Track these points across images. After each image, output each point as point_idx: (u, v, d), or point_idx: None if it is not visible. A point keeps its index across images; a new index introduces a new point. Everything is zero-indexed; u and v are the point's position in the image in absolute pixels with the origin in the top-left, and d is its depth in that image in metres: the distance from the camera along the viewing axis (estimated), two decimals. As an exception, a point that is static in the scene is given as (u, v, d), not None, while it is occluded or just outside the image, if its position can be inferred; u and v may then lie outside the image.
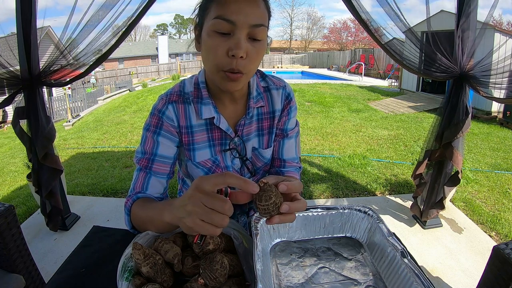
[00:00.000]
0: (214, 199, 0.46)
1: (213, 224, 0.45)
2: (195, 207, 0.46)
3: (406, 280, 0.55)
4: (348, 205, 0.75)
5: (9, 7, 35.87)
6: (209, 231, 0.46)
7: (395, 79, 10.79)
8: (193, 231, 0.47)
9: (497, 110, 5.90)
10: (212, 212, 0.45)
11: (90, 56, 1.86)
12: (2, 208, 1.27)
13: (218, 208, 0.45)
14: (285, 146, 0.91)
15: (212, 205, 0.45)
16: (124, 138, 5.22)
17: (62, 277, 0.67)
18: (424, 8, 1.73)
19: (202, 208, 0.45)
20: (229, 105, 0.81)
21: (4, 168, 4.32)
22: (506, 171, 3.41)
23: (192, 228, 0.46)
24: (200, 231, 0.46)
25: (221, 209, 0.45)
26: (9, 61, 1.74)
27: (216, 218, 0.45)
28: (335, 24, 30.40)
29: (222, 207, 0.45)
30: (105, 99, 10.44)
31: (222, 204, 0.46)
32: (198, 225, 0.45)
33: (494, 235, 2.25)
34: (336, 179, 3.20)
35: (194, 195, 0.47)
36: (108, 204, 2.71)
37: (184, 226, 0.48)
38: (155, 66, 22.50)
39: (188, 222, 0.46)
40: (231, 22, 0.61)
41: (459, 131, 1.86)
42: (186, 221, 0.47)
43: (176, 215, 0.50)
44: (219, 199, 0.46)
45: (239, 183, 0.46)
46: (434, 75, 1.89)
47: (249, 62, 0.65)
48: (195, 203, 0.46)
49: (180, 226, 0.50)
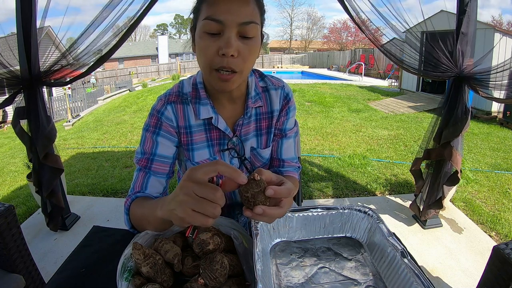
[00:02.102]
0: (205, 188, 0.45)
1: (205, 213, 0.45)
2: (186, 196, 0.45)
3: (406, 280, 0.55)
4: (348, 205, 0.75)
5: (9, 7, 35.82)
6: (201, 221, 0.45)
7: (395, 79, 10.78)
8: (184, 222, 0.46)
9: (497, 110, 5.89)
10: (203, 201, 0.45)
11: (91, 56, 1.86)
12: (2, 208, 1.27)
13: (210, 196, 0.45)
14: (283, 146, 0.91)
15: (203, 194, 0.45)
16: (124, 138, 5.22)
17: (62, 277, 0.67)
18: (424, 8, 1.73)
19: (193, 197, 0.45)
20: (227, 105, 0.81)
21: (4, 168, 4.32)
22: (506, 171, 3.41)
23: (183, 218, 0.46)
24: (191, 222, 0.45)
25: (213, 198, 0.45)
26: (9, 61, 1.73)
27: (207, 207, 0.45)
28: (335, 24, 30.40)
29: (213, 195, 0.45)
30: (105, 99, 10.43)
31: (214, 192, 0.45)
32: (189, 215, 0.45)
33: (494, 235, 2.25)
34: (336, 179, 3.20)
35: (185, 185, 0.46)
36: (108, 204, 2.71)
37: (175, 218, 0.48)
38: (155, 66, 22.48)
39: (179, 213, 0.46)
40: (220, 22, 0.61)
41: (459, 131, 1.86)
42: (177, 212, 0.46)
43: (167, 208, 0.50)
44: (210, 187, 0.45)
45: (229, 172, 0.46)
46: (433, 75, 1.89)
47: (242, 61, 0.65)
48: (186, 193, 0.46)
49: (172, 219, 0.49)
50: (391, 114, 6.35)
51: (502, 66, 1.68)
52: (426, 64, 1.91)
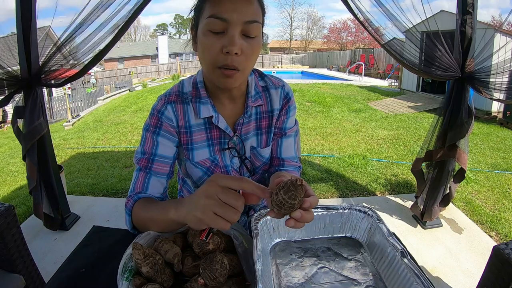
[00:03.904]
0: (229, 194, 0.47)
1: (225, 218, 0.46)
2: (209, 199, 0.47)
3: (406, 280, 0.55)
4: (348, 205, 0.75)
5: (9, 7, 35.87)
6: (220, 224, 0.47)
7: (395, 79, 10.78)
8: (202, 223, 0.48)
9: (497, 110, 5.89)
10: (226, 205, 0.46)
11: (88, 53, 1.84)
12: (2, 208, 1.27)
13: (233, 202, 0.47)
14: (283, 145, 0.91)
15: (226, 199, 0.47)
16: (124, 138, 5.22)
17: (62, 277, 0.67)
18: (424, 8, 1.72)
19: (216, 200, 0.47)
20: (228, 104, 0.81)
21: (4, 168, 4.32)
22: (506, 171, 3.40)
23: (202, 220, 0.47)
24: (210, 224, 0.47)
25: (235, 204, 0.47)
26: (9, 61, 1.73)
27: (229, 212, 0.46)
28: (335, 24, 30.39)
29: (236, 201, 0.47)
30: (105, 99, 10.43)
31: (236, 198, 0.47)
32: (210, 217, 0.46)
33: (494, 235, 2.25)
34: (336, 179, 3.20)
35: (209, 189, 0.48)
36: (108, 204, 2.71)
37: (193, 220, 0.49)
38: (155, 66, 22.49)
39: (199, 214, 0.47)
40: (224, 20, 0.62)
41: (464, 133, 1.86)
42: (197, 213, 0.48)
43: (185, 209, 0.51)
44: (233, 194, 0.47)
45: (253, 189, 0.47)
46: (436, 74, 1.89)
47: (245, 59, 0.66)
48: (209, 196, 0.47)
49: (187, 221, 0.51)
50: (391, 114, 6.35)
51: (502, 67, 1.68)
52: (428, 64, 1.91)
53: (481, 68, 1.77)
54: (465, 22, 1.74)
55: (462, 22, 1.75)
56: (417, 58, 1.92)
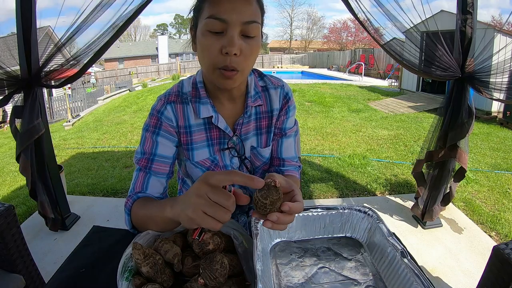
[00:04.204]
0: (219, 193, 0.46)
1: (215, 218, 0.46)
2: (199, 198, 0.46)
3: (406, 280, 0.55)
4: (348, 205, 0.75)
5: (9, 7, 35.86)
6: (210, 224, 0.46)
7: (395, 79, 10.78)
8: (193, 223, 0.47)
9: (497, 110, 5.89)
10: (216, 205, 0.46)
11: (88, 53, 1.83)
12: (2, 208, 1.27)
13: (222, 202, 0.46)
14: (283, 145, 0.91)
15: (216, 199, 0.46)
16: (124, 138, 5.22)
17: (62, 277, 0.67)
18: (424, 8, 1.73)
19: (206, 200, 0.46)
20: (227, 104, 0.81)
21: (4, 168, 4.32)
22: (506, 171, 3.40)
23: (193, 219, 0.47)
24: (201, 224, 0.46)
25: (225, 204, 0.46)
26: (9, 61, 1.73)
27: (219, 212, 0.46)
28: (335, 24, 30.38)
29: (226, 201, 0.46)
30: (105, 99, 10.43)
31: (227, 198, 0.46)
32: (200, 217, 0.46)
33: (494, 235, 2.25)
34: (336, 179, 3.19)
35: (200, 187, 0.47)
36: (108, 204, 2.71)
37: (185, 219, 0.49)
38: (155, 66, 22.49)
39: (190, 213, 0.47)
40: (223, 21, 0.62)
41: (465, 133, 1.86)
42: (188, 212, 0.47)
43: (179, 207, 0.51)
44: (223, 193, 0.47)
45: (245, 180, 0.47)
46: (436, 75, 1.89)
47: (244, 59, 0.66)
48: (199, 195, 0.47)
49: (180, 219, 0.50)
50: (391, 114, 6.35)
51: (503, 66, 1.68)
52: (428, 64, 1.91)
53: (481, 68, 1.77)
54: (465, 22, 1.74)
55: (462, 22, 1.75)
56: (417, 58, 1.92)
